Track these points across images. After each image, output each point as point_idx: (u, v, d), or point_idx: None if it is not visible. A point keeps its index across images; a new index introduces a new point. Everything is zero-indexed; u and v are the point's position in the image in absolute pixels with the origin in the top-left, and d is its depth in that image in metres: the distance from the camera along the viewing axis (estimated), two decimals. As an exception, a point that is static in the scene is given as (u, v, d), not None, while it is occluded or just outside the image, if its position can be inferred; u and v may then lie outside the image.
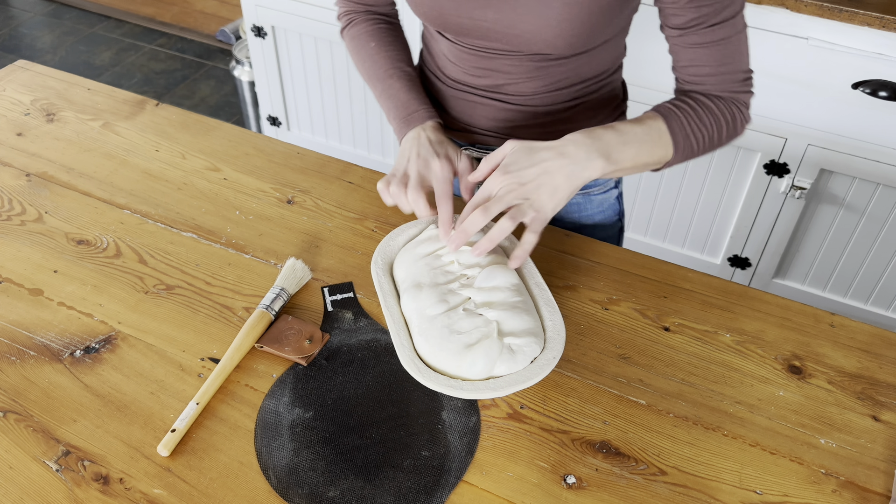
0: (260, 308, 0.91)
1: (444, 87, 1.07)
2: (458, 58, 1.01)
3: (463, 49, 1.00)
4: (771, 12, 1.53)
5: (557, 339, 0.84)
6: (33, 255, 1.02)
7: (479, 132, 1.06)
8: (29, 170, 1.16)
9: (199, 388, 0.85)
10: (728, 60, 0.91)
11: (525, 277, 0.92)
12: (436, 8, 0.94)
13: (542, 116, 1.03)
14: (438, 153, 0.94)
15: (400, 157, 0.98)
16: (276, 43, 2.16)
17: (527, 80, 0.99)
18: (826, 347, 0.92)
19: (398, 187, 0.92)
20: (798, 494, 0.78)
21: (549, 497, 0.77)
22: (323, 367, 0.87)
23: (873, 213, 1.71)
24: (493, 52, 0.97)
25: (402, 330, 0.85)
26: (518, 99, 1.02)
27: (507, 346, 0.82)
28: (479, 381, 0.80)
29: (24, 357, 0.89)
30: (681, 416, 0.84)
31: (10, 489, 0.76)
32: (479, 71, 1.01)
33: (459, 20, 0.93)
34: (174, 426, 0.80)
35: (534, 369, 0.81)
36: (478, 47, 0.98)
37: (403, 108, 1.01)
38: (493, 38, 0.94)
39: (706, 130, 0.92)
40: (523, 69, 0.98)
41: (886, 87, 1.52)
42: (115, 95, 1.32)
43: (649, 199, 1.94)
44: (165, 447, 0.79)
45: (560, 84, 1.00)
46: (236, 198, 1.11)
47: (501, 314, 0.84)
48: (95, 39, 3.41)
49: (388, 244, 0.96)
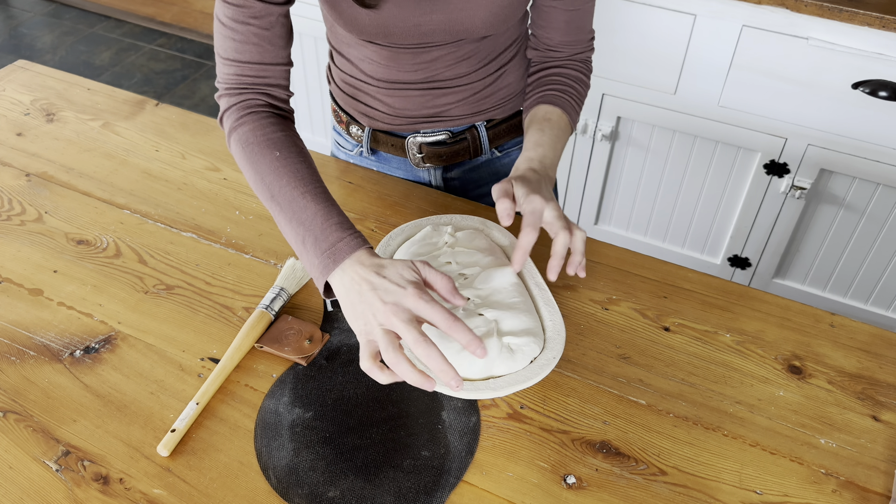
0: (260, 308, 0.91)
1: (373, 88, 1.06)
2: (391, 59, 1.01)
3: (396, 50, 0.99)
4: (771, 12, 1.53)
5: (557, 338, 0.84)
6: (33, 255, 1.01)
7: (420, 120, 1.08)
8: (29, 170, 1.16)
9: (199, 388, 0.85)
10: (583, 26, 1.03)
11: (525, 277, 0.92)
12: (379, 25, 0.93)
13: (479, 91, 1.07)
14: (401, 284, 0.73)
15: (352, 315, 0.75)
16: (276, 43, 2.16)
17: (462, 61, 1.02)
18: (826, 347, 0.92)
19: (395, 356, 0.70)
20: (798, 494, 0.78)
21: (549, 497, 0.77)
22: (323, 367, 0.87)
23: (873, 213, 1.71)
24: (431, 46, 0.99)
25: None
26: (453, 81, 1.04)
27: (507, 345, 0.82)
28: (478, 380, 0.80)
29: (24, 357, 0.89)
30: (681, 416, 0.84)
31: (10, 489, 0.76)
32: (414, 66, 1.02)
33: (404, 29, 0.94)
34: (174, 426, 0.80)
35: (533, 369, 0.81)
36: (414, 45, 0.99)
37: (323, 239, 0.78)
38: (435, 37, 0.96)
39: (579, 96, 1.05)
40: (459, 54, 1.01)
41: (886, 87, 1.52)
42: (115, 95, 1.32)
43: (649, 199, 1.94)
44: (165, 447, 0.79)
45: (489, 57, 1.04)
46: (236, 198, 1.11)
47: (500, 314, 0.84)
48: (95, 39, 3.41)
49: (388, 244, 0.96)
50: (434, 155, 1.12)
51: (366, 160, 1.18)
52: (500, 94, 1.09)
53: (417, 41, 0.97)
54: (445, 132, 1.10)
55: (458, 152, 1.13)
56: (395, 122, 1.10)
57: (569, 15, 1.00)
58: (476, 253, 0.92)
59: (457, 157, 1.13)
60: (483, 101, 1.08)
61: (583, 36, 1.04)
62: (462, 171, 1.17)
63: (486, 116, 1.10)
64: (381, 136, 1.13)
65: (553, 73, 1.04)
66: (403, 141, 1.11)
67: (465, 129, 1.11)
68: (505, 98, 1.10)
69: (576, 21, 1.01)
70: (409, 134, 1.11)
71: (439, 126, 1.10)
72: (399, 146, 1.12)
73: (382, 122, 1.10)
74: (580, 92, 1.05)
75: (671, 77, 1.71)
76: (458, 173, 1.17)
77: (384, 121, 1.10)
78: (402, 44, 0.98)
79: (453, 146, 1.12)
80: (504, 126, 1.13)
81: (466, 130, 1.11)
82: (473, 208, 1.10)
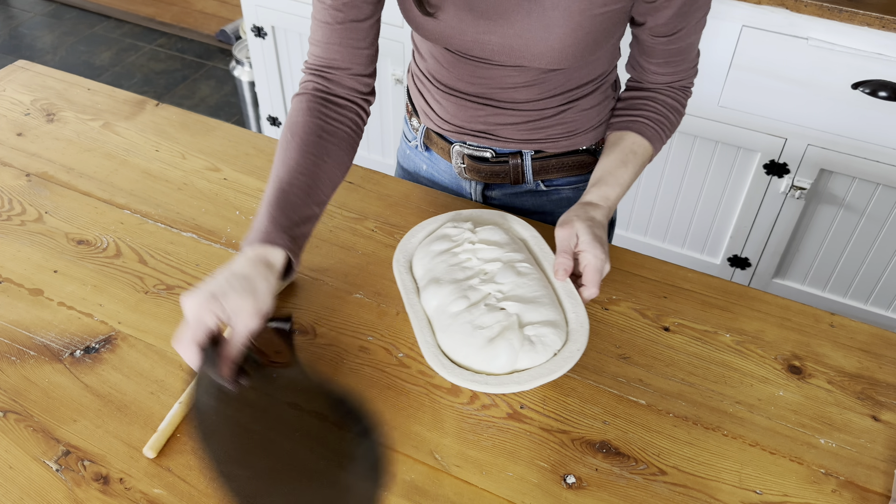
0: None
1: (433, 88, 1.07)
2: (452, 65, 1.01)
3: (460, 58, 0.99)
4: (771, 12, 1.53)
5: (581, 330, 0.84)
6: (33, 255, 1.02)
7: (469, 132, 1.07)
8: (29, 170, 1.16)
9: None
10: (691, 56, 0.99)
11: (546, 269, 0.92)
12: (438, 33, 0.93)
13: (536, 121, 1.04)
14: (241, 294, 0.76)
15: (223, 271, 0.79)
16: (276, 43, 2.16)
17: (523, 87, 0.99)
18: (826, 347, 0.92)
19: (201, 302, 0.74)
20: (798, 494, 0.78)
21: (549, 497, 0.77)
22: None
23: (873, 213, 1.71)
24: (493, 64, 0.97)
25: (425, 327, 0.86)
26: (510, 105, 1.02)
27: (527, 337, 0.82)
28: (503, 374, 0.80)
29: (24, 357, 0.89)
30: (681, 416, 0.84)
31: (10, 489, 0.76)
32: (473, 79, 1.00)
33: (463, 43, 0.93)
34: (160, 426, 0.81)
35: (558, 362, 0.81)
36: (477, 57, 0.97)
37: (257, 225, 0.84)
38: (496, 57, 0.94)
39: (672, 127, 1.02)
40: (521, 80, 0.98)
41: (886, 87, 1.52)
42: (115, 95, 1.32)
43: (649, 199, 1.94)
44: (152, 449, 0.79)
45: (556, 90, 1.00)
46: (236, 198, 1.11)
47: (522, 307, 0.85)
48: (95, 39, 3.41)
49: (409, 241, 0.96)
50: (474, 169, 1.10)
51: (420, 154, 1.18)
52: (556, 130, 1.05)
53: (479, 55, 0.95)
54: (490, 150, 1.08)
55: (499, 174, 1.10)
56: (446, 127, 1.09)
57: (673, 50, 0.96)
58: (496, 248, 0.92)
59: (496, 177, 1.11)
60: (536, 130, 1.05)
61: (686, 65, 0.99)
62: (503, 194, 1.14)
63: (535, 146, 1.06)
64: (433, 135, 1.13)
65: (648, 98, 1.01)
66: (451, 147, 1.11)
67: (510, 153, 1.08)
68: (562, 134, 1.06)
69: (681, 54, 0.97)
70: (456, 142, 1.10)
71: (485, 142, 1.07)
72: (447, 151, 1.12)
73: (435, 123, 1.10)
74: (673, 123, 1.02)
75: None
76: (498, 195, 1.14)
77: (437, 122, 1.10)
78: (465, 54, 0.97)
79: (495, 166, 1.09)
80: (554, 161, 1.08)
81: (511, 154, 1.08)
82: (463, 205, 1.10)
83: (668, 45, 0.95)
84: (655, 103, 1.00)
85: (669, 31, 0.93)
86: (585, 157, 1.09)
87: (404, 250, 0.95)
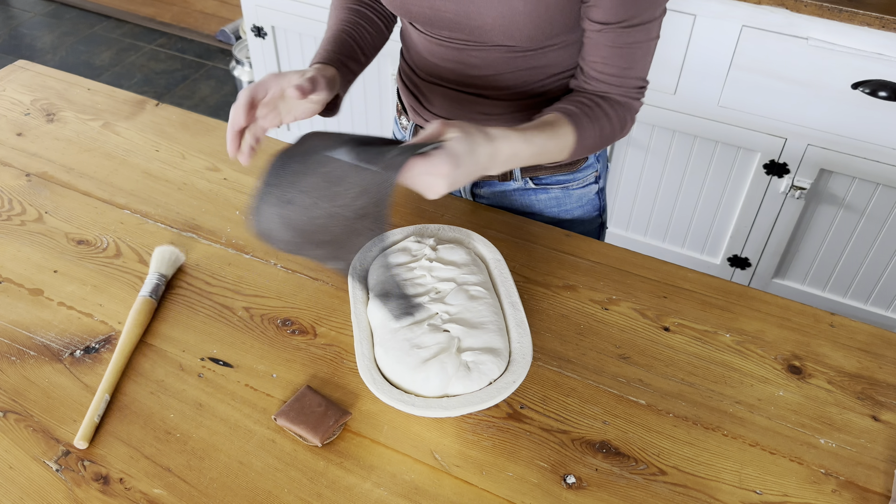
0: (142, 295, 0.93)
1: (421, 81, 1.09)
2: (429, 51, 1.03)
3: (432, 41, 1.01)
4: (771, 12, 1.53)
5: (522, 362, 0.83)
6: (33, 255, 1.02)
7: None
8: (29, 170, 1.16)
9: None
10: (633, 65, 0.94)
11: (501, 295, 0.91)
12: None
13: (514, 112, 1.05)
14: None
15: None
16: (276, 43, 2.16)
17: (497, 74, 1.01)
18: (826, 347, 0.92)
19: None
20: (798, 494, 0.78)
21: (549, 497, 0.77)
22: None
23: (873, 213, 1.71)
24: (460, 43, 0.99)
25: (365, 339, 0.85)
26: (492, 93, 1.03)
27: (465, 363, 0.81)
28: (432, 398, 0.80)
29: (24, 357, 0.89)
30: (681, 416, 0.84)
31: (10, 489, 0.76)
32: (450, 63, 1.02)
33: (421, 10, 0.95)
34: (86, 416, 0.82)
35: (490, 391, 0.80)
36: (445, 38, 0.99)
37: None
38: (456, 29, 0.96)
39: (600, 132, 0.95)
40: (491, 62, 1.00)
41: (886, 87, 1.52)
42: (115, 95, 1.32)
43: (649, 199, 1.94)
44: (83, 439, 0.79)
45: (532, 76, 1.01)
46: (236, 198, 1.11)
47: (466, 331, 0.83)
48: (95, 39, 3.41)
49: (370, 249, 0.94)
50: None
51: None
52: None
53: (443, 30, 0.97)
54: None
55: None
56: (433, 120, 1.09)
57: (613, 50, 0.92)
58: (453, 268, 0.91)
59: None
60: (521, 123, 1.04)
61: (628, 74, 0.94)
62: (492, 192, 1.14)
63: None
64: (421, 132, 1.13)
65: (582, 95, 0.96)
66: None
67: None
68: None
69: (623, 57, 0.92)
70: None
71: None
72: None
73: (422, 118, 1.11)
74: (602, 123, 0.94)
75: (671, 77, 1.71)
76: (487, 192, 1.14)
77: (424, 115, 1.11)
78: (433, 33, 0.99)
79: None
80: None
81: None
82: (473, 208, 1.10)
83: (603, 38, 0.91)
84: (587, 99, 0.95)
85: (605, 20, 0.89)
86: None
87: (362, 259, 0.93)
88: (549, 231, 1.06)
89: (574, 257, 1.02)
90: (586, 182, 1.15)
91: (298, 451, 0.80)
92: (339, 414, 0.82)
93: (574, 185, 1.14)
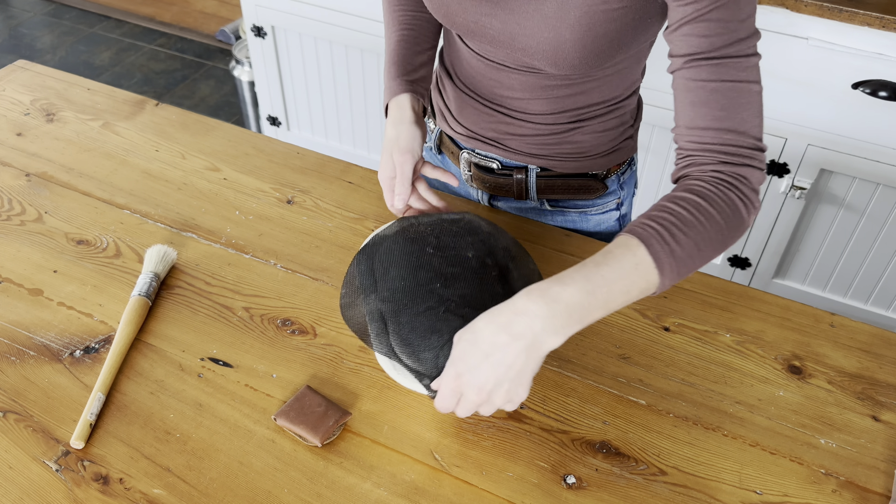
0: (135, 295, 0.93)
1: (455, 89, 1.07)
2: (469, 63, 1.01)
3: (473, 55, 0.99)
4: (771, 12, 1.53)
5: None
6: (33, 255, 1.01)
7: (479, 138, 1.06)
8: (29, 170, 1.16)
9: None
10: (733, 114, 0.74)
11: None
12: (443, 6, 0.93)
13: (545, 136, 1.02)
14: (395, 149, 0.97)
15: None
16: (276, 43, 2.16)
17: (532, 98, 0.98)
18: (826, 347, 0.92)
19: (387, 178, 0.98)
20: (798, 494, 0.78)
21: (549, 497, 0.77)
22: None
23: (873, 213, 1.71)
24: (501, 66, 0.97)
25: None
26: (522, 115, 1.01)
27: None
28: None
29: (24, 357, 0.89)
30: (681, 416, 0.84)
31: (10, 489, 0.76)
32: (486, 80, 1.00)
33: (466, 22, 0.93)
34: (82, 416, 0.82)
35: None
36: (486, 56, 0.97)
37: (384, 86, 1.04)
38: (498, 46, 0.93)
39: (699, 238, 0.73)
40: (529, 86, 0.97)
41: (886, 87, 1.52)
42: (115, 95, 1.32)
43: (649, 200, 1.94)
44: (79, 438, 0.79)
45: (566, 106, 0.98)
46: (236, 198, 1.11)
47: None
48: (95, 39, 3.41)
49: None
50: (480, 179, 1.10)
51: (433, 157, 1.18)
52: (565, 148, 1.03)
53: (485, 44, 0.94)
54: (496, 161, 1.07)
55: (503, 186, 1.09)
56: (459, 130, 1.09)
57: (702, 94, 0.73)
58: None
59: (500, 190, 1.10)
60: (545, 146, 1.03)
61: (725, 125, 0.74)
62: (509, 207, 1.13)
63: (542, 163, 1.05)
64: (446, 139, 1.13)
65: (671, 198, 0.76)
66: (460, 152, 1.10)
67: (515, 167, 1.06)
68: (570, 154, 1.03)
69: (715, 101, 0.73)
70: (466, 148, 1.10)
71: (493, 151, 1.06)
72: (457, 156, 1.11)
73: (449, 125, 1.10)
74: (701, 228, 0.73)
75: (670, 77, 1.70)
76: (504, 206, 1.13)
77: (451, 123, 1.10)
78: (474, 47, 0.97)
79: (499, 178, 1.08)
80: (559, 182, 1.06)
81: (516, 169, 1.06)
82: (474, 206, 1.10)
83: (688, 76, 0.77)
84: (672, 201, 0.75)
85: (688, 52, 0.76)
86: (593, 182, 1.06)
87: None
88: (549, 231, 1.06)
89: (574, 257, 1.02)
90: (606, 209, 1.12)
91: (298, 451, 0.80)
92: (339, 414, 0.82)
93: (592, 211, 1.11)
